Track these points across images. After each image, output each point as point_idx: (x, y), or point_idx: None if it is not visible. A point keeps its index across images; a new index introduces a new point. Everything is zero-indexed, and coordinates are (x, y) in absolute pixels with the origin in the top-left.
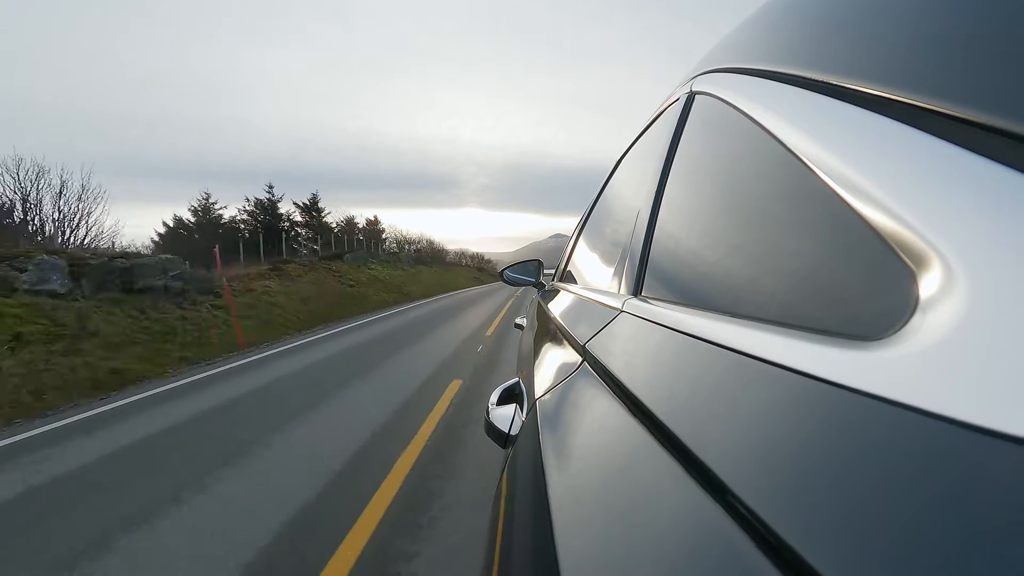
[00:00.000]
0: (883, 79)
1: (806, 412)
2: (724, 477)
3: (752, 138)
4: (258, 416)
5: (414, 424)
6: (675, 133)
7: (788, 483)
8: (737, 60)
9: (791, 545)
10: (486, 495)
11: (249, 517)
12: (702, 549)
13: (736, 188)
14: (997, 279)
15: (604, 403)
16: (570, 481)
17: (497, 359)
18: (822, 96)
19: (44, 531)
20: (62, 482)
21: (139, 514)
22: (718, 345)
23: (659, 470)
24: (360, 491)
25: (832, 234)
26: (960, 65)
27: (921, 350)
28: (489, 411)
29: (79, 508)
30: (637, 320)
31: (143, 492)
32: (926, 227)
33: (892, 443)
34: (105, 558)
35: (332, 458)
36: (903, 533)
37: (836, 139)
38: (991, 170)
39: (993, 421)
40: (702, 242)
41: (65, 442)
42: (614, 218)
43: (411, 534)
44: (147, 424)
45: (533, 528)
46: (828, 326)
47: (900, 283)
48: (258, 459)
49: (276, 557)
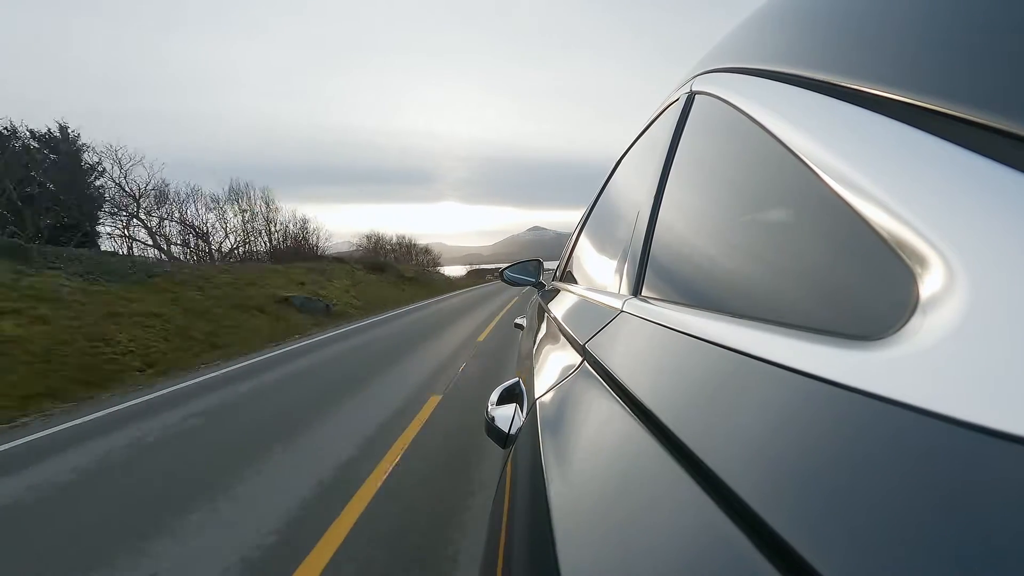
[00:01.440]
0: (883, 79)
1: (806, 412)
2: (725, 477)
3: (752, 138)
4: None
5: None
6: (675, 133)
7: (787, 482)
8: (737, 60)
9: (791, 545)
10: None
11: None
12: (702, 549)
13: (736, 188)
14: (997, 279)
15: (604, 403)
16: (570, 481)
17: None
18: (822, 96)
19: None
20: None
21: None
22: (718, 345)
23: (659, 470)
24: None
25: (832, 234)
26: (960, 65)
27: (921, 350)
28: (489, 411)
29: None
30: (637, 320)
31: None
32: (926, 227)
33: (892, 443)
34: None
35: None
36: (904, 533)
37: (836, 139)
38: (991, 170)
39: (993, 421)
40: (702, 242)
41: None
42: (614, 218)
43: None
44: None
45: (533, 528)
46: (828, 326)
47: (900, 283)
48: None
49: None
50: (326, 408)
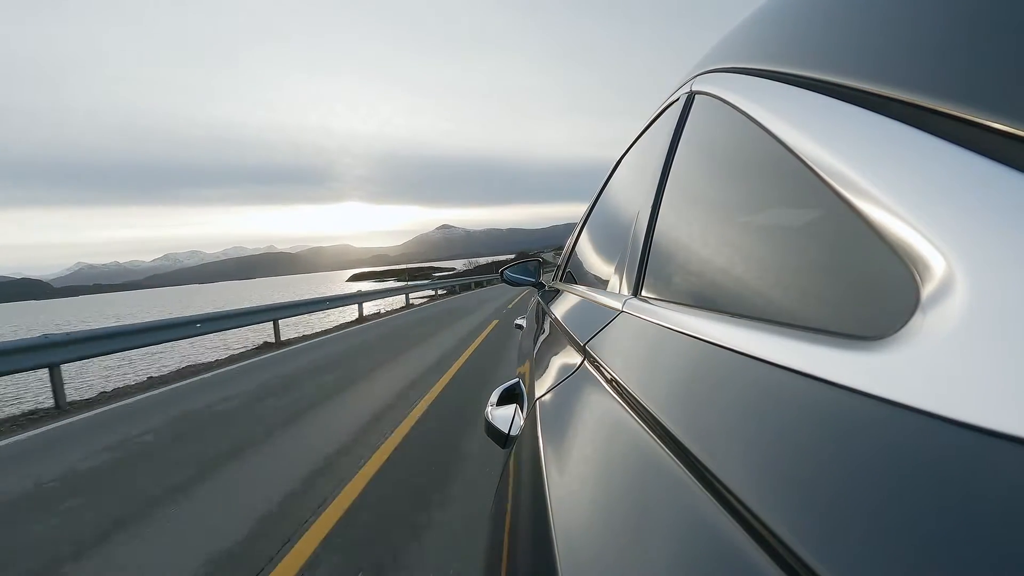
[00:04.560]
0: (883, 79)
1: (806, 412)
2: (724, 478)
3: (752, 138)
4: None
5: None
6: (675, 133)
7: (787, 483)
8: (737, 60)
9: (790, 545)
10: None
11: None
12: (702, 549)
13: (736, 188)
14: (997, 279)
15: (604, 403)
16: (570, 481)
17: None
18: (822, 96)
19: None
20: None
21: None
22: (718, 345)
23: (659, 470)
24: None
25: (832, 234)
26: (960, 65)
27: (921, 350)
28: (489, 411)
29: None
30: (637, 320)
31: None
32: (926, 227)
33: (892, 443)
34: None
35: None
36: (903, 533)
37: (836, 139)
38: (991, 170)
39: (993, 421)
40: (702, 242)
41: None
42: (614, 218)
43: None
44: None
45: (533, 527)
46: (828, 326)
47: (900, 283)
48: None
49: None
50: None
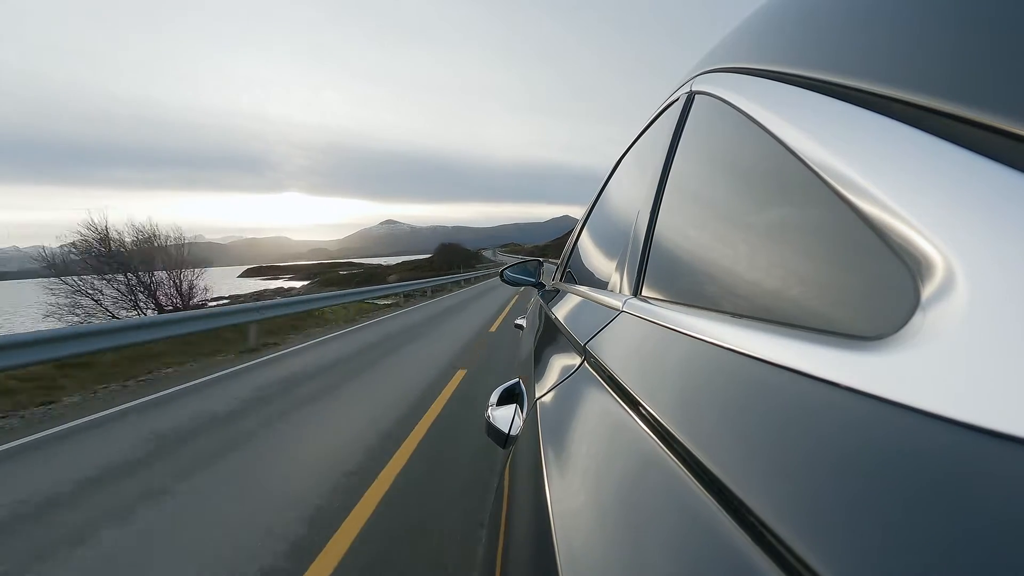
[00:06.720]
0: (883, 79)
1: (806, 412)
2: (725, 478)
3: (752, 138)
4: None
5: None
6: (675, 133)
7: (787, 483)
8: (737, 60)
9: (791, 545)
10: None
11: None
12: (702, 550)
13: (736, 188)
14: (997, 279)
15: (604, 403)
16: (570, 481)
17: None
18: (822, 96)
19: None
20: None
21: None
22: (718, 345)
23: (660, 471)
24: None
25: (832, 234)
26: (960, 65)
27: (921, 350)
28: (489, 411)
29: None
30: (637, 320)
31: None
32: (926, 227)
33: (892, 443)
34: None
35: None
36: (904, 533)
37: (836, 139)
38: (991, 170)
39: (993, 421)
40: (702, 242)
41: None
42: (614, 218)
43: None
44: None
45: (532, 528)
46: (828, 326)
47: (900, 283)
48: None
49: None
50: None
